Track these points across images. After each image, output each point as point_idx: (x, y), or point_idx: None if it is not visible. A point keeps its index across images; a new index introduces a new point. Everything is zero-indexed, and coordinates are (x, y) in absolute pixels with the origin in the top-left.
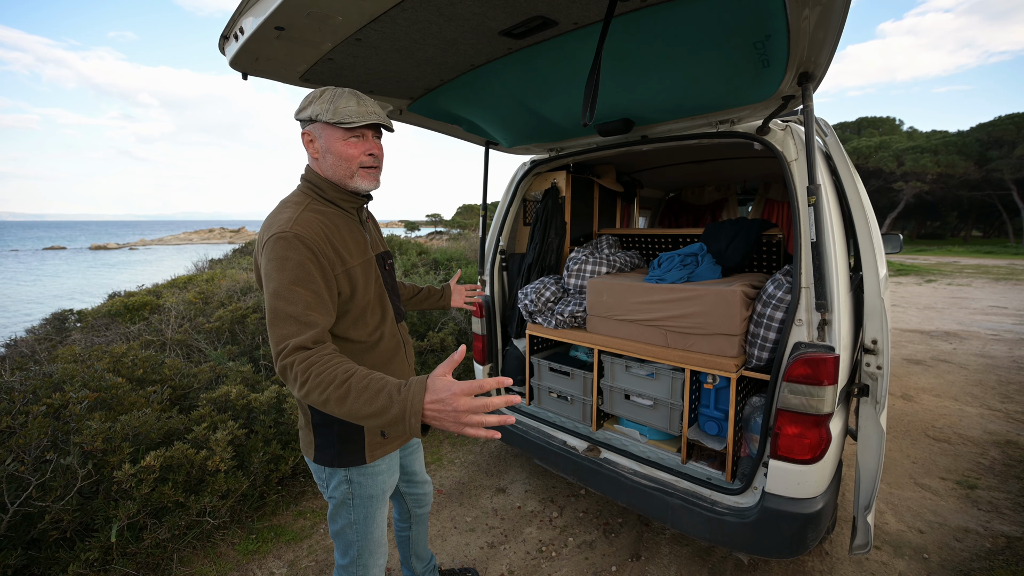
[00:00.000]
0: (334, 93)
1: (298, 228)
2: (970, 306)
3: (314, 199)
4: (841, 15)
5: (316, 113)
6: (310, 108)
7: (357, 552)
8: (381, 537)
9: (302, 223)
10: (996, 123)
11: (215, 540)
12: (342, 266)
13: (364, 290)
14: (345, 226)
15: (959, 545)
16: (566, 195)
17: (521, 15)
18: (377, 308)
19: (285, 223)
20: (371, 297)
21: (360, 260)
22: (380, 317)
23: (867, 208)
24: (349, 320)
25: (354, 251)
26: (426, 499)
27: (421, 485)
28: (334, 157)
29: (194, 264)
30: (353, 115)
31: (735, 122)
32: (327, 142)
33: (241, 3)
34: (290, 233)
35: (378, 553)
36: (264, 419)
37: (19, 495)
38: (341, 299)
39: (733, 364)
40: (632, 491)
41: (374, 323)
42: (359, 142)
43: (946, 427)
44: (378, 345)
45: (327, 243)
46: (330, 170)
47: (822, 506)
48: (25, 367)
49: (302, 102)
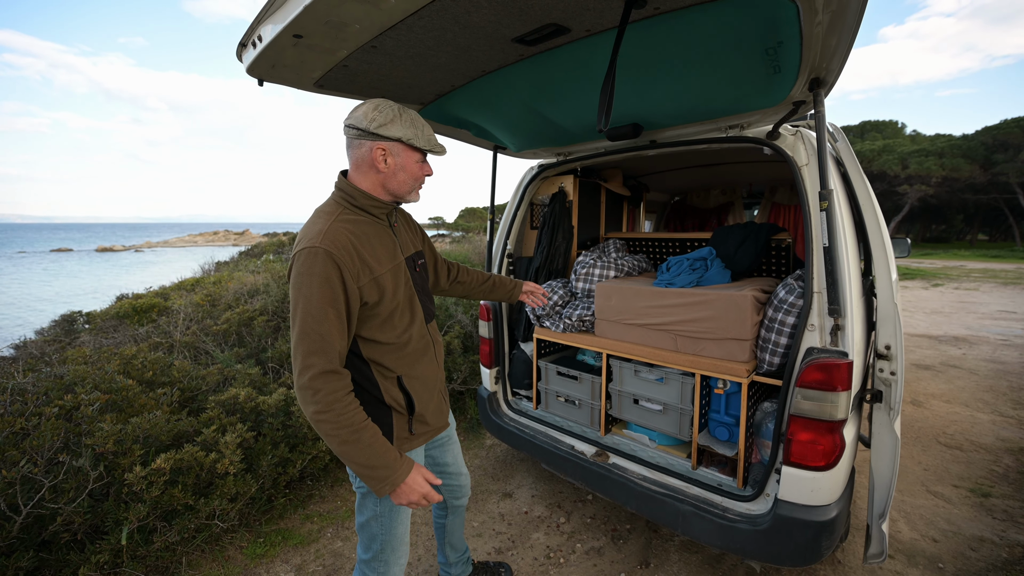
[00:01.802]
0: (411, 116)
1: (327, 243)
2: (978, 310)
3: (346, 208)
4: (854, 21)
5: (407, 136)
6: (395, 127)
7: (380, 547)
8: (404, 535)
9: (331, 236)
10: (1001, 126)
11: (223, 543)
12: (370, 275)
13: (393, 294)
14: (375, 234)
15: (974, 555)
16: (573, 199)
17: (535, 23)
18: (407, 311)
19: (316, 236)
20: (400, 300)
21: (389, 266)
22: (409, 319)
23: (878, 212)
24: (378, 323)
25: (383, 258)
26: (462, 491)
27: (455, 476)
28: (406, 175)
29: (201, 266)
30: (438, 145)
31: (745, 127)
32: (404, 161)
33: (260, 12)
34: (320, 248)
35: (400, 551)
36: (272, 422)
37: (32, 497)
38: (369, 305)
39: (744, 369)
40: (641, 497)
41: (403, 325)
42: (425, 165)
43: (958, 433)
44: (407, 346)
45: (355, 255)
46: (396, 185)
47: (836, 514)
48: (37, 369)
49: (378, 117)
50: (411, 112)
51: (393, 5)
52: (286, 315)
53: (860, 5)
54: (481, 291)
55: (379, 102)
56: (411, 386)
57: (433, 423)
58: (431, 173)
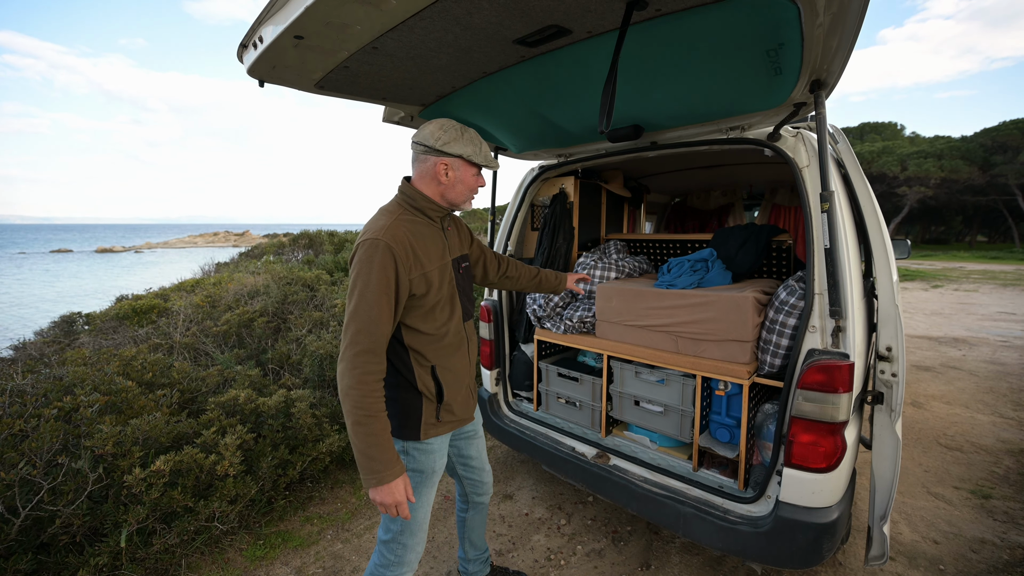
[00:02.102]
0: (473, 135)
1: (388, 237)
2: (978, 312)
3: (406, 209)
4: (855, 23)
5: (467, 154)
6: (457, 146)
7: (400, 528)
8: (423, 520)
9: (392, 232)
10: (1000, 128)
11: (223, 546)
12: (420, 269)
13: (437, 290)
14: (428, 234)
15: (976, 556)
16: (574, 200)
17: (536, 24)
18: (447, 306)
19: (379, 230)
20: (443, 296)
21: (437, 264)
22: (448, 314)
23: (879, 214)
24: (421, 313)
25: (433, 256)
26: (484, 487)
27: (478, 472)
28: (463, 187)
29: (201, 267)
30: (492, 161)
31: (745, 128)
32: (463, 175)
33: (261, 13)
34: (381, 241)
35: (418, 537)
36: (272, 423)
37: (31, 499)
38: (416, 296)
39: (745, 371)
40: (642, 499)
41: (442, 319)
42: (480, 177)
43: (958, 435)
44: (444, 339)
45: (410, 250)
46: (454, 195)
47: (837, 515)
48: (36, 370)
49: (443, 136)
50: (471, 132)
51: (394, 6)
52: (286, 316)
53: (861, 7)
54: (529, 285)
55: (444, 122)
56: (443, 376)
57: (459, 414)
58: (484, 184)
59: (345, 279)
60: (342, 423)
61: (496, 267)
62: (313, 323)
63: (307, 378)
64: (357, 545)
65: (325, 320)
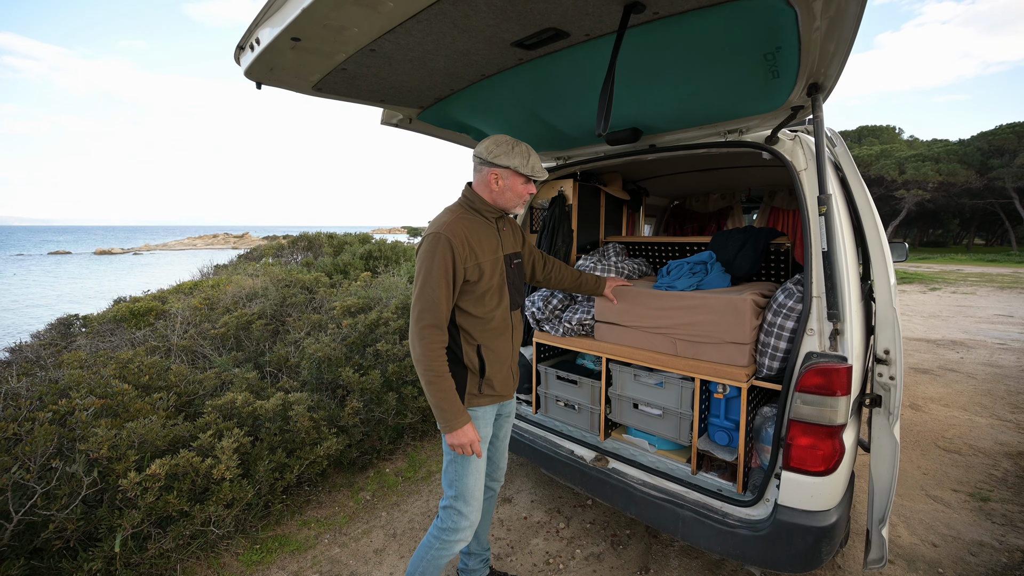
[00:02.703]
0: (522, 149)
1: (448, 231)
2: (975, 314)
3: (466, 209)
4: (852, 27)
5: (515, 165)
6: (507, 159)
7: (455, 493)
8: (476, 488)
9: (452, 227)
10: (997, 132)
11: (219, 550)
12: (475, 259)
13: (489, 279)
14: (484, 231)
15: (974, 559)
16: (573, 203)
17: (534, 27)
18: (496, 295)
19: (442, 225)
20: (493, 285)
21: (490, 257)
22: (497, 302)
23: (876, 217)
24: (474, 298)
25: (487, 249)
26: (499, 472)
27: (500, 454)
28: (512, 194)
29: (199, 270)
30: (539, 172)
31: (743, 132)
32: (511, 183)
33: (258, 14)
34: (443, 235)
35: (472, 505)
36: (269, 427)
37: (24, 503)
38: (470, 283)
39: (744, 373)
40: (641, 502)
41: (491, 305)
42: (529, 185)
43: (956, 438)
44: (491, 323)
45: (466, 243)
46: (504, 201)
47: (836, 519)
48: (31, 373)
49: (495, 149)
50: (523, 145)
51: (391, 8)
52: (284, 319)
53: (858, 11)
54: (572, 285)
55: (497, 138)
56: (486, 355)
57: (499, 390)
58: (535, 192)
59: (344, 282)
60: (340, 426)
61: (543, 266)
62: (312, 325)
63: (305, 381)
64: (355, 549)
65: (324, 323)
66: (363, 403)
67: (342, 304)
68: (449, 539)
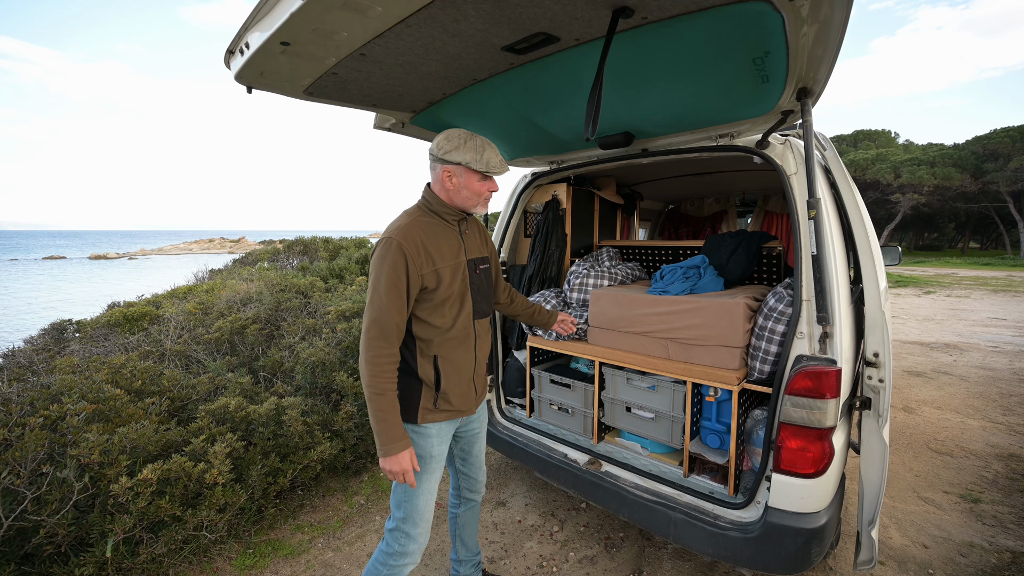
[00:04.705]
0: (476, 143)
1: (401, 236)
2: (969, 318)
3: (424, 212)
4: (839, 33)
5: (467, 160)
6: (458, 154)
7: (403, 515)
8: (424, 508)
9: (405, 231)
10: (991, 136)
11: (212, 555)
12: (431, 265)
13: (448, 286)
14: (443, 234)
15: (964, 560)
16: (567, 207)
17: (524, 32)
18: (456, 303)
19: (395, 230)
20: (454, 292)
21: (451, 262)
22: (457, 311)
23: (866, 221)
24: (432, 306)
25: (446, 255)
26: (478, 485)
27: (475, 470)
28: (469, 192)
29: (195, 274)
30: (495, 167)
31: (735, 136)
32: (466, 181)
33: (247, 19)
34: (395, 240)
35: (421, 526)
36: (263, 431)
37: (14, 509)
38: (427, 290)
39: (735, 377)
40: (634, 505)
41: (451, 314)
42: (488, 182)
43: (948, 440)
44: (449, 332)
45: (421, 248)
46: (461, 200)
47: (826, 520)
48: (23, 378)
49: (446, 145)
50: (478, 139)
51: (380, 13)
52: (279, 323)
53: (844, 16)
54: (524, 315)
55: (449, 132)
56: (443, 367)
57: (457, 405)
58: (496, 189)
59: (340, 286)
60: (334, 431)
61: (505, 293)
62: (306, 330)
63: (299, 386)
64: (348, 554)
65: (318, 327)
66: (357, 407)
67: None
68: (396, 563)
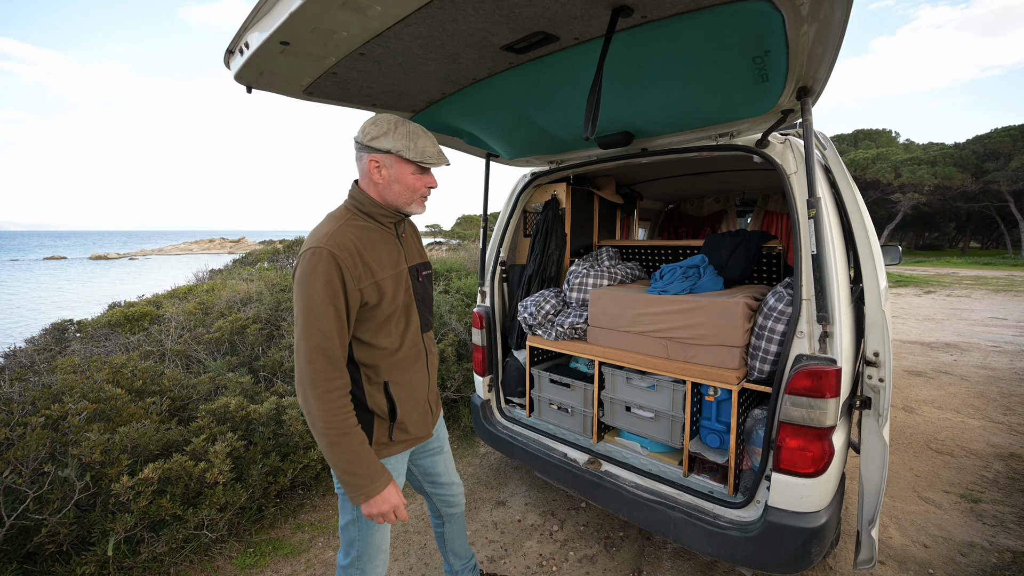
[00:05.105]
0: (408, 129)
1: (331, 245)
2: (970, 317)
3: (355, 214)
4: (839, 32)
5: (396, 148)
6: (387, 140)
7: (357, 553)
8: (382, 542)
9: (336, 239)
10: (992, 135)
11: (212, 554)
12: (371, 278)
13: (391, 299)
14: (380, 240)
15: (964, 560)
16: (566, 207)
17: (523, 31)
18: (402, 317)
19: (322, 238)
20: (398, 306)
21: (391, 272)
22: (404, 326)
23: (866, 220)
24: (375, 326)
25: (386, 263)
26: (455, 499)
27: (447, 487)
28: (401, 187)
29: (195, 274)
30: (431, 157)
31: (734, 135)
32: (398, 173)
33: (247, 18)
34: (324, 249)
35: (378, 560)
36: (263, 431)
37: (16, 508)
38: (368, 307)
39: (735, 376)
40: (633, 504)
41: (398, 331)
42: (424, 176)
43: (948, 440)
44: (398, 352)
45: (356, 258)
46: (393, 196)
47: (826, 520)
48: (24, 378)
49: (372, 130)
50: (410, 125)
51: (379, 12)
52: (279, 323)
53: (844, 16)
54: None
55: (378, 116)
56: (396, 392)
57: (415, 432)
58: (434, 185)
59: None
60: None
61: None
62: None
63: None
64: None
65: None
66: None
67: None
68: None
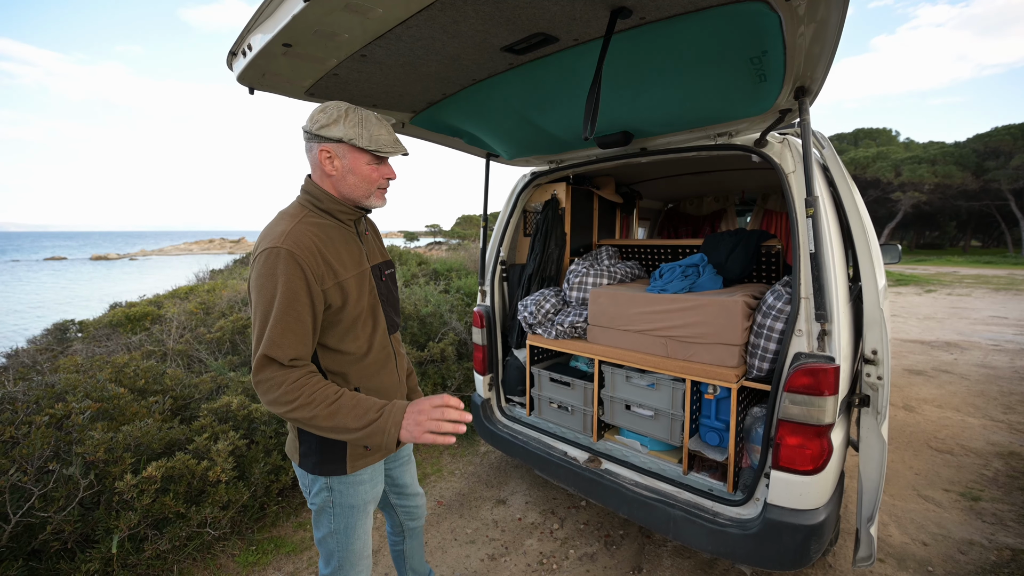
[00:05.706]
0: (361, 116)
1: (289, 243)
2: (970, 316)
3: (311, 211)
4: (836, 32)
5: (348, 136)
6: (337, 128)
7: (338, 563)
8: (363, 549)
9: (294, 237)
10: (992, 134)
11: (215, 551)
12: (334, 279)
13: (356, 301)
14: (340, 238)
15: (964, 558)
16: (566, 206)
17: (523, 32)
18: (369, 319)
19: (278, 237)
20: (363, 308)
21: (354, 272)
22: (371, 328)
23: (865, 219)
24: (341, 330)
25: (348, 263)
26: (418, 512)
27: (412, 498)
28: (356, 178)
29: (195, 275)
30: (387, 145)
31: (733, 135)
32: (352, 163)
33: (250, 20)
34: (282, 249)
35: (360, 566)
36: (265, 429)
37: (21, 505)
38: (332, 310)
39: (734, 374)
40: (633, 502)
41: (365, 336)
42: (381, 167)
43: (948, 438)
44: (366, 357)
45: (318, 257)
46: (348, 189)
47: (825, 517)
48: (28, 377)
49: (321, 118)
50: (363, 112)
51: (381, 15)
52: None
53: (841, 16)
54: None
55: (328, 104)
56: None
57: None
58: (392, 176)
59: None
60: None
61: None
62: None
63: None
64: None
65: None
66: None
67: None
68: None
